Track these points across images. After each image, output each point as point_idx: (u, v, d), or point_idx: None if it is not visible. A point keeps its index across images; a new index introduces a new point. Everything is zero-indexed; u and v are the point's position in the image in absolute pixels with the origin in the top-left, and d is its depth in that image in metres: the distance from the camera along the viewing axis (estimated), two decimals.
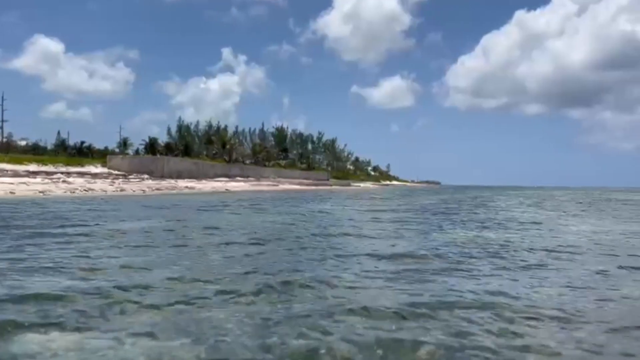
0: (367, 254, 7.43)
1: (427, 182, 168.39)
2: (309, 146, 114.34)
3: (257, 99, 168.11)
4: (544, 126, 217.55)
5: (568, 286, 5.52)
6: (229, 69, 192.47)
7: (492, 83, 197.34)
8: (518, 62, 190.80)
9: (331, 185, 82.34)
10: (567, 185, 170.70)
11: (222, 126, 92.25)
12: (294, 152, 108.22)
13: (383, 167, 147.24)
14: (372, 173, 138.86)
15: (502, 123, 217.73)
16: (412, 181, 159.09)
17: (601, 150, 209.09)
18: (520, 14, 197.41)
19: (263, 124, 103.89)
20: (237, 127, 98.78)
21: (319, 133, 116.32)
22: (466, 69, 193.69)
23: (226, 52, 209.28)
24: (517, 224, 14.27)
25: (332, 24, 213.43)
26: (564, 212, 22.00)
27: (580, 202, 33.41)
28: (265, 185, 59.42)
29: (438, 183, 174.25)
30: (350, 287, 5.14)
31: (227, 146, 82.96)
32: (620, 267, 6.82)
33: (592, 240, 10.43)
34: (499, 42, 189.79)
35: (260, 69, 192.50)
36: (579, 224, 14.90)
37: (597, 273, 6.37)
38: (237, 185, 54.21)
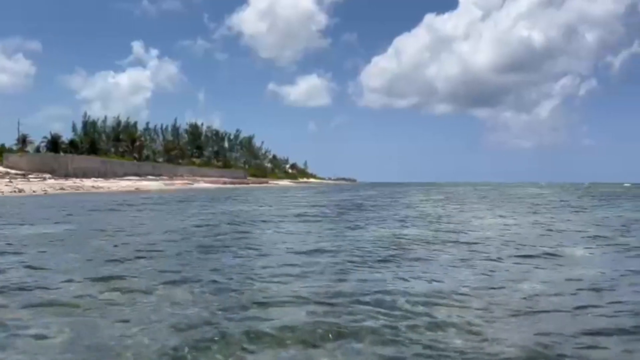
0: (284, 250, 7.74)
1: (343, 179, 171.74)
2: (225, 144, 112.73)
3: (170, 94, 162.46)
4: (452, 125, 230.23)
5: (476, 273, 6.20)
6: (140, 63, 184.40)
7: (404, 83, 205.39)
8: (428, 64, 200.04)
9: (249, 183, 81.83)
10: (474, 181, 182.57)
11: (132, 122, 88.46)
12: (210, 149, 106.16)
13: (300, 165, 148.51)
14: (290, 171, 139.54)
15: (413, 122, 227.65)
16: (329, 179, 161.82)
17: (503, 147, 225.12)
18: (429, 18, 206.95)
19: (176, 120, 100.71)
20: (147, 124, 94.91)
21: (236, 130, 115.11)
22: (379, 69, 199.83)
23: (137, 46, 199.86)
24: (427, 218, 15.34)
25: (248, 20, 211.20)
26: (470, 205, 23.83)
27: (485, 197, 36.08)
28: (179, 184, 57.89)
29: (354, 180, 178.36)
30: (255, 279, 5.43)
31: (137, 143, 79.71)
32: (517, 256, 7.69)
33: (494, 231, 11.55)
34: (410, 44, 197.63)
35: (174, 64, 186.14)
36: (484, 217, 16.31)
37: (496, 260, 7.18)
38: (149, 184, 52.35)
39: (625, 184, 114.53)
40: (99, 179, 49.70)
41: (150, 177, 61.33)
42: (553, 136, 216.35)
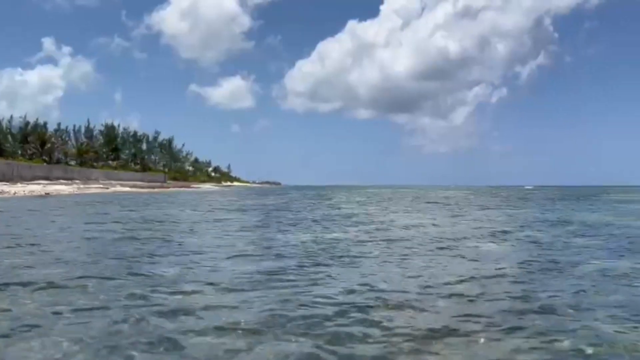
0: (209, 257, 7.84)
1: (268, 182, 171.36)
2: (144, 146, 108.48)
3: (83, 94, 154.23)
4: (373, 129, 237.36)
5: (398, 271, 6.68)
6: (51, 61, 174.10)
7: (327, 88, 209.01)
8: (350, 69, 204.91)
9: (169, 187, 79.40)
10: (394, 184, 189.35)
11: (42, 123, 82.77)
12: (127, 152, 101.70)
13: (224, 168, 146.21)
14: (213, 174, 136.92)
15: (336, 126, 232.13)
16: (254, 182, 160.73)
17: (422, 152, 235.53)
18: (352, 24, 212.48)
19: (89, 121, 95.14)
20: (59, 125, 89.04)
21: (155, 132, 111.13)
22: (303, 73, 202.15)
23: (48, 42, 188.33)
24: (351, 220, 15.93)
25: (169, 20, 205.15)
26: (391, 208, 24.91)
27: (404, 198, 37.71)
28: (93, 188, 55.04)
29: (279, 184, 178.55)
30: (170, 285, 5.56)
31: (48, 145, 74.77)
32: (436, 254, 8.33)
33: (413, 231, 12.27)
34: (334, 49, 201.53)
35: (88, 62, 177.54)
36: (403, 218, 17.23)
37: (408, 256, 7.74)
38: (60, 188, 49.35)
39: (527, 187, 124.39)
40: (4, 182, 46.16)
41: (62, 181, 57.82)
42: (467, 141, 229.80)
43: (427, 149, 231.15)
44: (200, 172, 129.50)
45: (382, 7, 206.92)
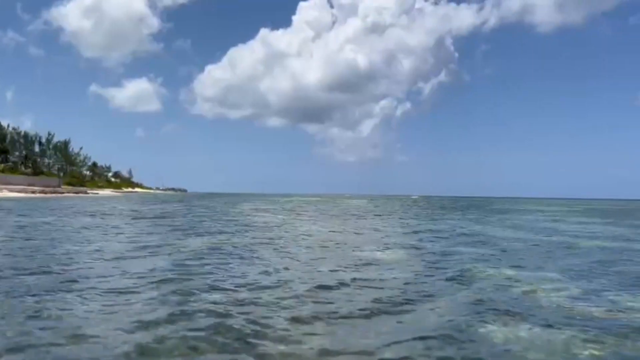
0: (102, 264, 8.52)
1: (173, 189, 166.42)
2: (36, 148, 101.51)
3: None
4: (284, 138, 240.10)
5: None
6: None
7: (238, 94, 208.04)
8: (262, 77, 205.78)
9: (63, 192, 75.02)
10: (304, 192, 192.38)
11: None
12: (17, 154, 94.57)
13: (125, 174, 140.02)
14: (113, 180, 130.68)
15: (247, 133, 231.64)
16: (158, 188, 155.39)
17: (331, 161, 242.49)
18: (264, 32, 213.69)
19: None
20: None
21: (49, 134, 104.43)
22: (213, 78, 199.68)
23: None
24: (260, 227, 17.04)
25: (70, 16, 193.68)
26: (299, 216, 26.31)
27: (313, 206, 39.34)
28: None
29: (185, 190, 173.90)
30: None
31: None
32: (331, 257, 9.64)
33: (319, 237, 13.63)
34: (245, 56, 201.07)
35: None
36: (311, 225, 18.78)
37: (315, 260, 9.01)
38: None
39: (413, 196, 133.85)
40: None
41: None
42: (373, 152, 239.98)
43: (336, 158, 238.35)
44: (99, 177, 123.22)
45: (294, 18, 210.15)
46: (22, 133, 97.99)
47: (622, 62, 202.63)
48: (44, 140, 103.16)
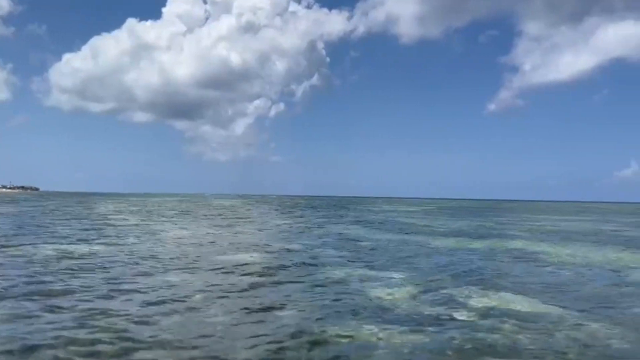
0: None
1: (23, 187, 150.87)
2: None
3: None
4: (152, 134, 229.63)
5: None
6: None
7: (100, 87, 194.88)
8: (127, 69, 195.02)
9: None
10: (173, 191, 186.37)
11: None
12: None
13: None
14: None
15: (109, 128, 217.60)
16: (4, 187, 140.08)
17: (202, 159, 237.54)
18: (131, 22, 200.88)
19: None
20: None
21: None
22: (72, 68, 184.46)
23: None
24: (114, 230, 17.76)
25: None
26: (163, 218, 26.92)
27: (177, 208, 39.53)
28: None
29: (37, 189, 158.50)
30: None
31: None
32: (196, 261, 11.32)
33: (184, 242, 14.76)
34: (109, 46, 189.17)
35: None
36: (174, 229, 19.44)
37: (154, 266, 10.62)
38: None
39: (271, 196, 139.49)
40: None
41: None
42: (247, 151, 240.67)
43: (208, 156, 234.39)
44: None
45: (164, 10, 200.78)
46: None
47: (472, 75, 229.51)
48: None
